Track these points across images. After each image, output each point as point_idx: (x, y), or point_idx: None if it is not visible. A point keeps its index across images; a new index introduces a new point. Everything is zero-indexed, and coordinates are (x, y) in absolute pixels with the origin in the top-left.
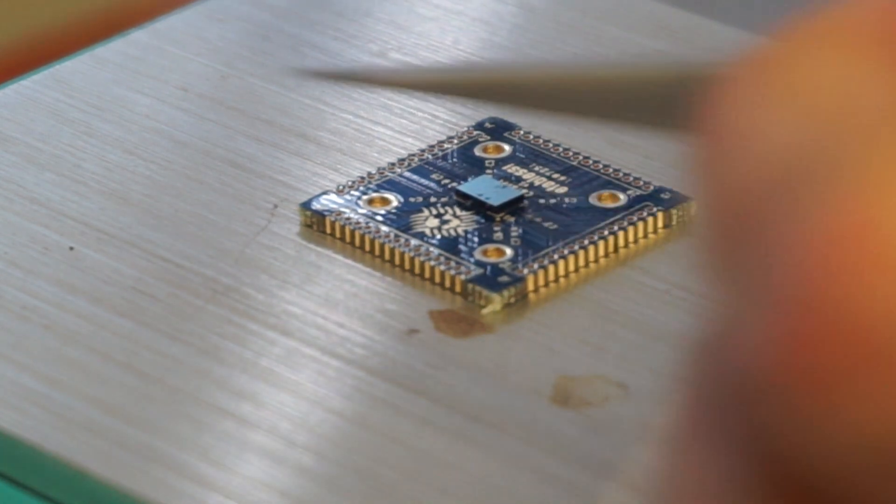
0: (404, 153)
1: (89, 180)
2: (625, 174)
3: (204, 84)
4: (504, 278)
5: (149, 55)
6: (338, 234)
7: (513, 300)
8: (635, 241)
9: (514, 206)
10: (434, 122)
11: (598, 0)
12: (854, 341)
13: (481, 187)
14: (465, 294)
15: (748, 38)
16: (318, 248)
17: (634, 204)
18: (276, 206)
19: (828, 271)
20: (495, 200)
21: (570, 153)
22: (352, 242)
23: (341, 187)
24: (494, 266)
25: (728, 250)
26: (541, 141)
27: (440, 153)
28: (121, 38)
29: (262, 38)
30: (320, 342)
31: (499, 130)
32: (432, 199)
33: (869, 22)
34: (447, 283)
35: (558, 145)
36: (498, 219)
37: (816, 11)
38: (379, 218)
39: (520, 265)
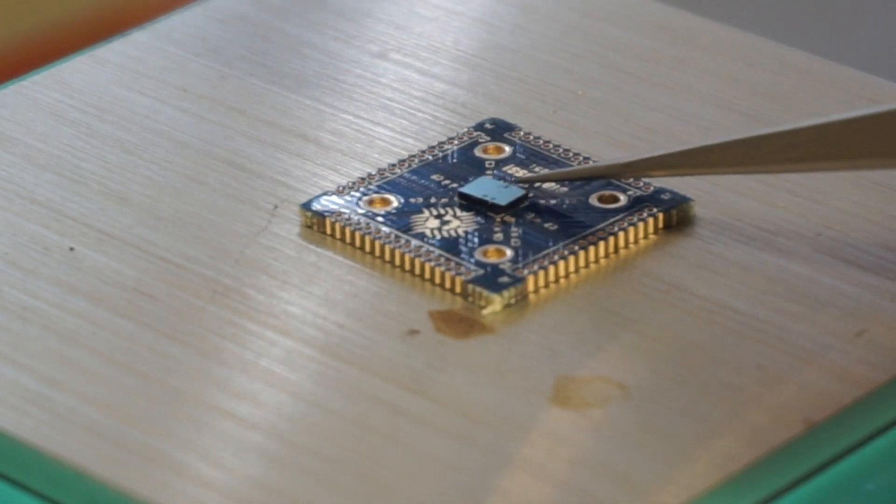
0: (405, 154)
1: (89, 180)
2: None
3: (204, 84)
4: (504, 279)
5: (149, 55)
6: (338, 235)
7: (513, 301)
8: (635, 241)
9: (517, 206)
10: (434, 123)
11: (599, 0)
12: None
13: (484, 188)
14: (465, 295)
15: (748, 39)
16: (319, 249)
17: (634, 205)
18: (276, 207)
19: None
20: (501, 200)
21: (571, 154)
22: (352, 243)
23: (342, 188)
24: (495, 267)
25: None
26: (541, 141)
27: (440, 154)
28: (121, 38)
29: (262, 38)
30: (320, 342)
31: (499, 131)
32: (433, 200)
33: None
34: (447, 284)
35: (558, 146)
36: (498, 219)
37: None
38: (379, 219)
39: (520, 266)
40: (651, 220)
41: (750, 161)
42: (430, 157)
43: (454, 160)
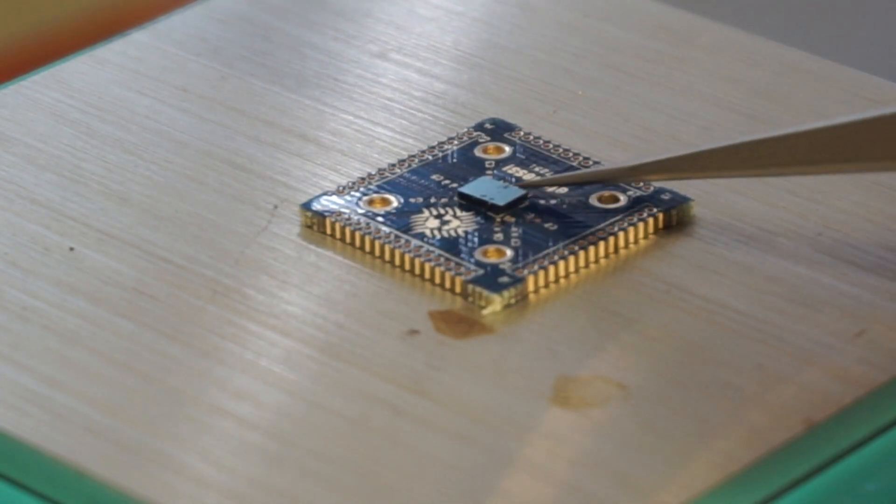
0: (405, 154)
1: (89, 181)
2: None
3: (204, 84)
4: (504, 279)
5: (149, 55)
6: (338, 235)
7: (513, 301)
8: (635, 241)
9: (516, 206)
10: (434, 123)
11: (598, 0)
12: None
13: (483, 188)
14: (465, 295)
15: (748, 39)
16: (319, 249)
17: (634, 205)
18: (276, 207)
19: None
20: (500, 200)
21: (570, 154)
22: (352, 243)
23: (342, 188)
24: (495, 267)
25: None
26: (541, 142)
27: (440, 154)
28: (121, 38)
29: (262, 38)
30: (320, 342)
31: (499, 131)
32: (432, 200)
33: None
34: (447, 284)
35: (558, 146)
36: (498, 219)
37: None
38: (379, 219)
39: (520, 266)
40: (651, 220)
41: (756, 164)
42: (430, 157)
43: (454, 160)
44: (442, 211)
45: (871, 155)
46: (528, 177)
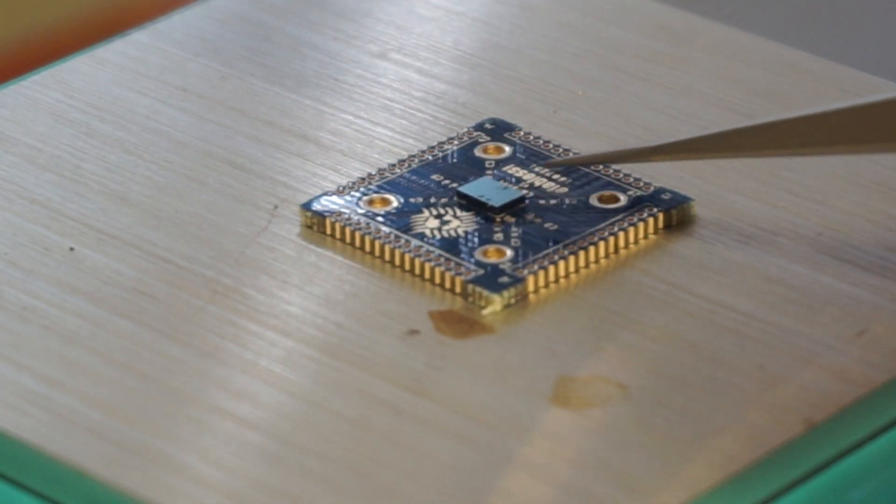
0: (405, 154)
1: (89, 181)
2: (625, 175)
3: (204, 84)
4: (504, 279)
5: (149, 55)
6: (338, 235)
7: (513, 301)
8: (635, 241)
9: (514, 207)
10: (434, 123)
11: (598, 0)
12: None
13: (482, 188)
14: (465, 295)
15: (748, 39)
16: (319, 249)
17: (634, 205)
18: (276, 207)
19: None
20: (496, 201)
21: (570, 154)
22: (352, 243)
23: (342, 188)
24: (495, 267)
25: None
26: (541, 141)
27: (440, 154)
28: (121, 38)
29: (262, 38)
30: (320, 342)
31: (499, 131)
32: (432, 200)
33: None
34: (447, 284)
35: (558, 146)
36: (498, 219)
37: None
38: (379, 219)
39: (520, 266)
40: (651, 221)
41: (780, 144)
42: (430, 157)
43: (454, 160)
44: (442, 211)
45: (879, 136)
46: (529, 177)
